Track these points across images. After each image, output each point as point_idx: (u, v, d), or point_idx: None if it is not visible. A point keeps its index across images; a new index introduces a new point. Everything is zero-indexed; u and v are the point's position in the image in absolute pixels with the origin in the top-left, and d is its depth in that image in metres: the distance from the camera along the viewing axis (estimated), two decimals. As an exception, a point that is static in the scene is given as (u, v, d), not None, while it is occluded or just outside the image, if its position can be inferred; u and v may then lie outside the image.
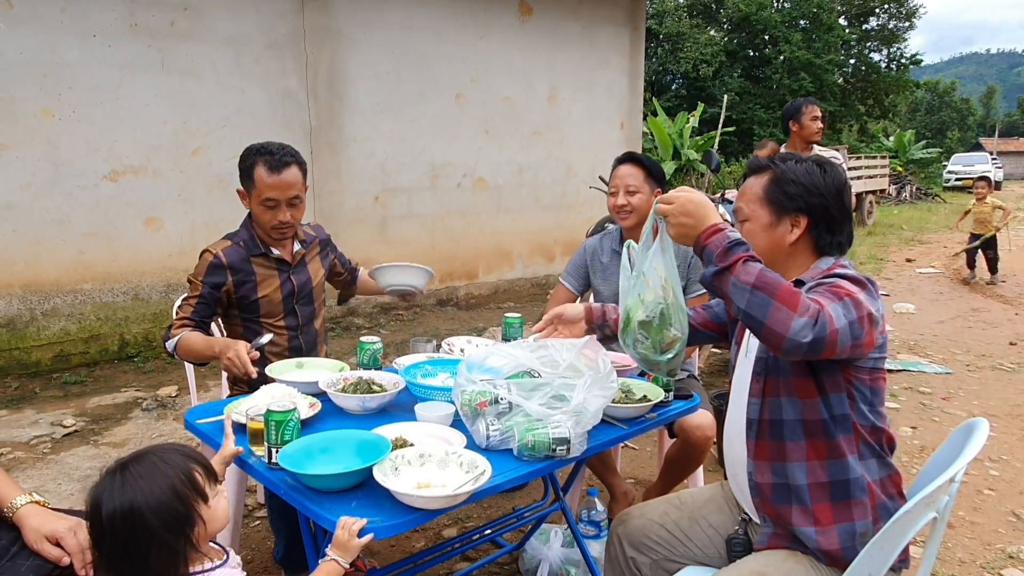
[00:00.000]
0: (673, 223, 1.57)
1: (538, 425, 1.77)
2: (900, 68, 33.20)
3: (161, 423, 4.16)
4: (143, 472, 1.24)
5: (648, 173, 2.80)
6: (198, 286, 2.41)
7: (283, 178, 2.36)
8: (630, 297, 1.71)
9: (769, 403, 1.62)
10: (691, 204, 1.54)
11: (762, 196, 1.66)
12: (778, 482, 1.62)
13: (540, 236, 7.51)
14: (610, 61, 7.70)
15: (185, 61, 5.18)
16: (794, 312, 1.35)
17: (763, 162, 1.71)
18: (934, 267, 10.04)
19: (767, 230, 1.65)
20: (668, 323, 1.66)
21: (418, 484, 1.57)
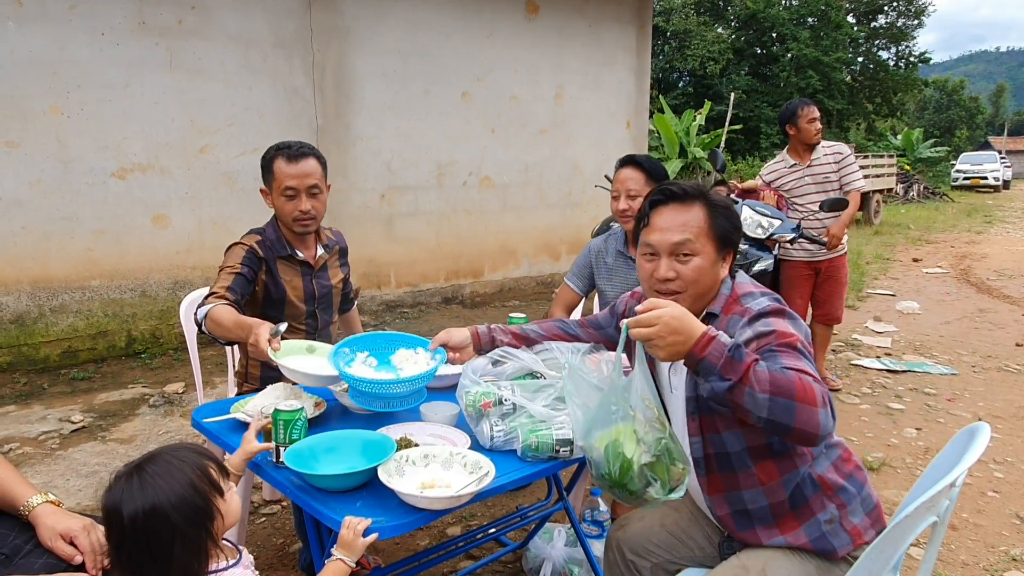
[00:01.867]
0: (662, 345, 1.39)
1: (542, 426, 1.78)
2: (909, 66, 33.08)
3: (168, 419, 4.19)
4: (160, 471, 1.26)
5: (649, 176, 2.81)
6: (237, 264, 2.36)
7: (301, 167, 2.40)
8: (623, 439, 1.47)
9: (710, 439, 1.63)
10: (675, 321, 1.39)
11: (708, 230, 1.62)
12: (737, 510, 1.65)
13: (546, 235, 7.52)
14: (617, 59, 7.70)
15: (193, 59, 5.21)
16: (816, 406, 1.34)
17: (687, 190, 1.65)
18: (941, 267, 10.01)
19: (713, 266, 1.63)
20: (673, 458, 1.47)
21: (422, 484, 1.59)
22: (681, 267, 1.62)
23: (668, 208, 1.65)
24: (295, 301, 2.54)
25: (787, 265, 4.67)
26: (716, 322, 1.61)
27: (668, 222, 1.64)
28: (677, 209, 1.64)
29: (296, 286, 2.54)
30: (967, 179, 30.86)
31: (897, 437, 3.96)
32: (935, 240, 13.13)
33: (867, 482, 1.68)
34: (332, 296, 2.68)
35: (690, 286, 1.62)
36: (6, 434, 3.89)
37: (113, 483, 1.28)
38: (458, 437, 1.81)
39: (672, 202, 1.65)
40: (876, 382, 4.90)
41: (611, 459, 1.47)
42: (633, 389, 1.47)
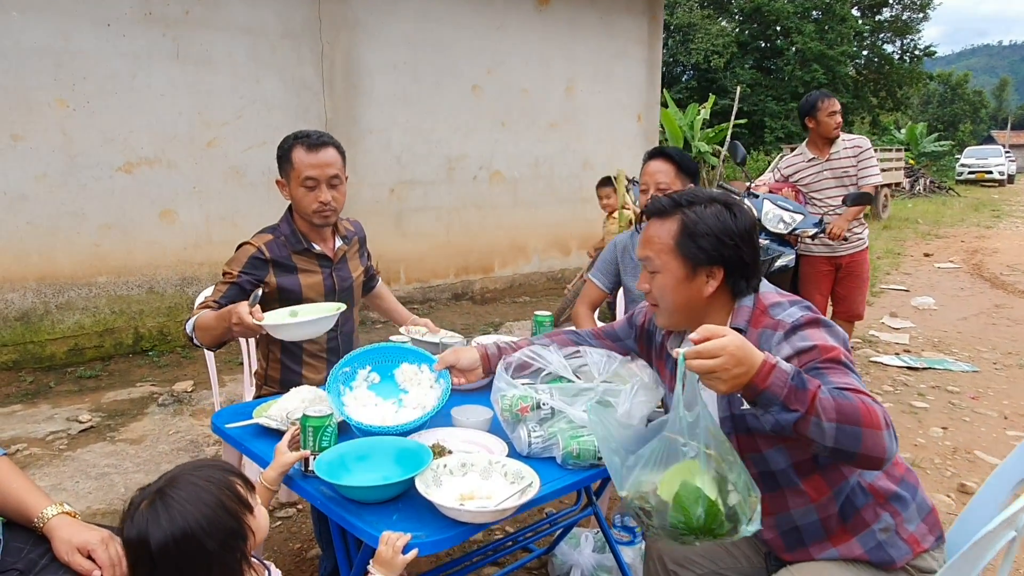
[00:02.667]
0: (726, 378, 1.26)
1: (583, 432, 1.70)
2: (914, 60, 32.84)
3: (177, 419, 4.11)
4: (185, 495, 1.17)
5: (679, 168, 2.71)
6: (234, 274, 2.31)
7: (321, 157, 2.30)
8: (700, 482, 1.29)
9: (750, 458, 1.53)
10: (740, 351, 1.26)
11: (673, 248, 1.56)
12: (786, 529, 1.56)
13: (556, 230, 7.42)
14: (628, 51, 7.58)
15: (200, 50, 5.11)
16: (880, 429, 1.28)
17: (666, 205, 1.59)
18: (953, 262, 9.90)
19: (682, 284, 1.56)
20: (750, 489, 1.33)
21: (461, 496, 1.50)
22: (652, 281, 1.61)
23: (650, 221, 1.63)
24: (313, 298, 2.43)
25: (805, 261, 4.58)
26: (746, 336, 1.51)
27: (643, 236, 1.63)
28: (654, 223, 1.61)
29: (315, 281, 2.44)
30: (972, 173, 30.74)
31: (923, 437, 3.87)
32: (945, 235, 13.02)
33: (919, 486, 1.59)
34: (353, 290, 2.58)
35: (659, 301, 1.61)
36: (13, 434, 3.81)
37: (133, 511, 1.18)
38: (494, 444, 1.72)
39: (653, 216, 1.62)
40: (897, 380, 4.81)
41: (687, 505, 1.28)
42: (701, 424, 1.32)
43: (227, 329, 2.07)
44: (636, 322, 1.94)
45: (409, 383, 1.87)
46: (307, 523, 3.04)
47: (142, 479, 3.34)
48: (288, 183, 2.38)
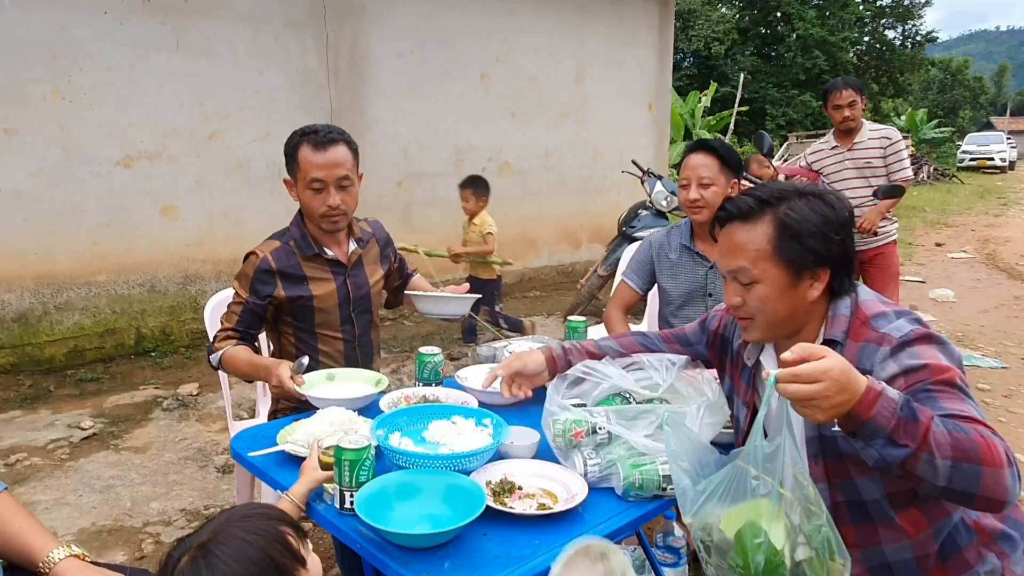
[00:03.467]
0: (826, 406, 1.10)
1: (645, 460, 1.53)
2: (915, 46, 32.61)
3: (184, 424, 3.94)
4: (232, 552, 1.01)
5: (723, 163, 2.54)
6: (243, 294, 2.18)
7: (329, 156, 2.11)
8: (768, 525, 1.16)
9: (838, 486, 1.37)
10: (843, 376, 1.10)
11: (772, 253, 1.37)
12: (876, 566, 1.39)
13: (566, 222, 7.25)
14: (639, 38, 7.38)
15: (201, 40, 4.90)
16: (1002, 468, 1.13)
17: (751, 205, 1.40)
18: (966, 252, 9.76)
19: (785, 292, 1.38)
20: (833, 551, 1.16)
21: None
22: (746, 294, 1.42)
23: (731, 227, 1.43)
24: (326, 308, 2.26)
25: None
26: (841, 351, 1.34)
27: (726, 244, 1.44)
28: (739, 228, 1.41)
29: (327, 290, 2.25)
30: (973, 160, 30.59)
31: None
32: (954, 223, 12.87)
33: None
34: (371, 298, 2.39)
35: (757, 315, 1.41)
36: (12, 443, 3.64)
37: (171, 569, 1.02)
38: (572, 481, 1.52)
39: (735, 220, 1.42)
40: (926, 377, 4.65)
41: (749, 549, 1.16)
42: (780, 458, 1.16)
43: (260, 379, 2.04)
44: (709, 327, 1.76)
45: (445, 438, 1.66)
46: (325, 538, 2.88)
47: (149, 491, 3.18)
48: (296, 184, 2.19)
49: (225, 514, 1.10)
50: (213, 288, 5.21)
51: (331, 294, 2.26)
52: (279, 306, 2.23)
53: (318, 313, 2.26)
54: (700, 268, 2.67)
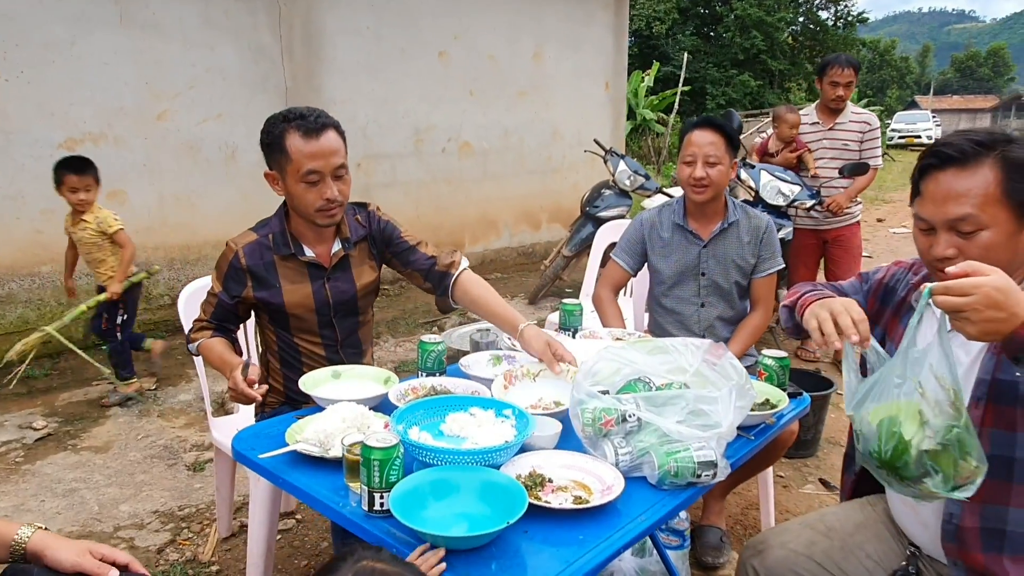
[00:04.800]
0: (976, 319, 1.13)
1: (679, 447, 1.50)
2: (847, 26, 33.52)
3: (145, 421, 3.76)
4: None
5: (729, 141, 2.51)
6: (216, 287, 2.06)
7: (323, 144, 1.91)
8: (903, 417, 1.26)
9: (993, 435, 1.34)
10: (999, 293, 1.12)
11: (1000, 197, 1.29)
12: (991, 527, 1.37)
13: (526, 202, 7.18)
14: (595, 17, 7.32)
15: (146, 14, 4.62)
16: None
17: (968, 148, 1.32)
18: (905, 227, 10.10)
19: (1012, 238, 1.32)
20: (966, 451, 1.22)
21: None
22: (965, 243, 1.32)
23: (945, 174, 1.34)
24: (301, 313, 2.08)
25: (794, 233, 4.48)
26: None
27: (943, 191, 1.33)
28: (956, 174, 1.32)
29: (303, 293, 2.07)
30: (902, 138, 31.76)
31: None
32: (891, 199, 13.32)
33: None
34: (355, 301, 2.17)
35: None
36: (-42, 447, 3.40)
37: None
38: (606, 472, 1.47)
39: (949, 166, 1.33)
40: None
41: (884, 437, 1.28)
42: (927, 363, 1.22)
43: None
44: (873, 278, 1.70)
45: (466, 431, 1.58)
46: (309, 535, 2.79)
47: (116, 493, 3.02)
48: (282, 177, 1.97)
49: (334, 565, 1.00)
50: (165, 277, 4.97)
51: (305, 299, 2.07)
52: (253, 305, 2.09)
53: (292, 318, 2.09)
54: (693, 247, 2.65)
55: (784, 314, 1.68)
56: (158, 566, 2.56)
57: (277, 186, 2.03)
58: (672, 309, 2.72)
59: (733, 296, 2.67)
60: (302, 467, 1.55)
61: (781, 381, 1.93)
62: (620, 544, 1.31)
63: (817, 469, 3.30)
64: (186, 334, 2.09)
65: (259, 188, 5.21)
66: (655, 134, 18.30)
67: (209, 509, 2.91)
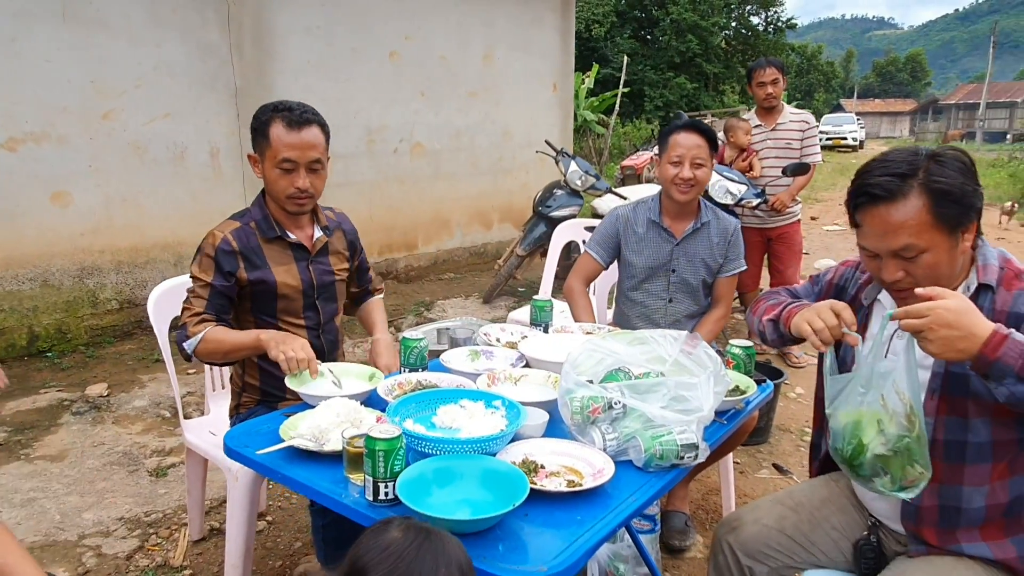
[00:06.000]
0: (933, 339, 1.27)
1: (663, 431, 1.59)
2: (777, 31, 34.65)
3: (99, 428, 3.66)
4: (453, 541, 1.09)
5: (711, 144, 2.63)
6: (206, 277, 2.06)
7: (303, 137, 2.04)
8: (865, 423, 1.42)
9: (947, 423, 1.47)
10: (950, 314, 1.26)
11: (933, 222, 1.39)
12: (948, 505, 1.50)
13: (478, 202, 7.23)
14: (544, 19, 7.43)
15: (91, 10, 4.49)
16: None
17: (892, 186, 1.41)
18: (838, 224, 10.56)
19: (949, 254, 1.43)
20: (913, 459, 1.37)
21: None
22: (910, 265, 1.44)
23: (878, 209, 1.43)
24: (289, 293, 2.18)
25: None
26: (993, 296, 1.44)
27: (880, 226, 1.43)
28: (888, 209, 1.41)
29: (291, 274, 2.18)
30: (830, 140, 33.13)
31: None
32: (823, 198, 13.88)
33: None
34: (335, 285, 2.32)
35: (923, 281, 1.42)
36: (-100, 460, 3.26)
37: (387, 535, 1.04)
38: (595, 457, 1.55)
39: (880, 203, 1.42)
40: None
41: (847, 438, 1.47)
42: (891, 378, 1.37)
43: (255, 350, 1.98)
44: (823, 280, 1.83)
45: (458, 422, 1.64)
46: (281, 536, 2.79)
47: (78, 501, 2.95)
48: (262, 160, 2.10)
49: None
50: (113, 281, 4.84)
51: (293, 278, 2.18)
52: (240, 289, 2.12)
53: (280, 299, 2.17)
54: (666, 244, 2.75)
55: (768, 328, 1.78)
56: (128, 573, 2.52)
57: (256, 168, 2.15)
58: (640, 302, 2.82)
59: (699, 294, 2.79)
60: (298, 462, 1.58)
61: (748, 369, 2.05)
62: (616, 523, 1.39)
63: (770, 455, 3.47)
64: (178, 331, 2.06)
65: (208, 189, 5.15)
66: (596, 135, 18.59)
67: (176, 514, 2.87)
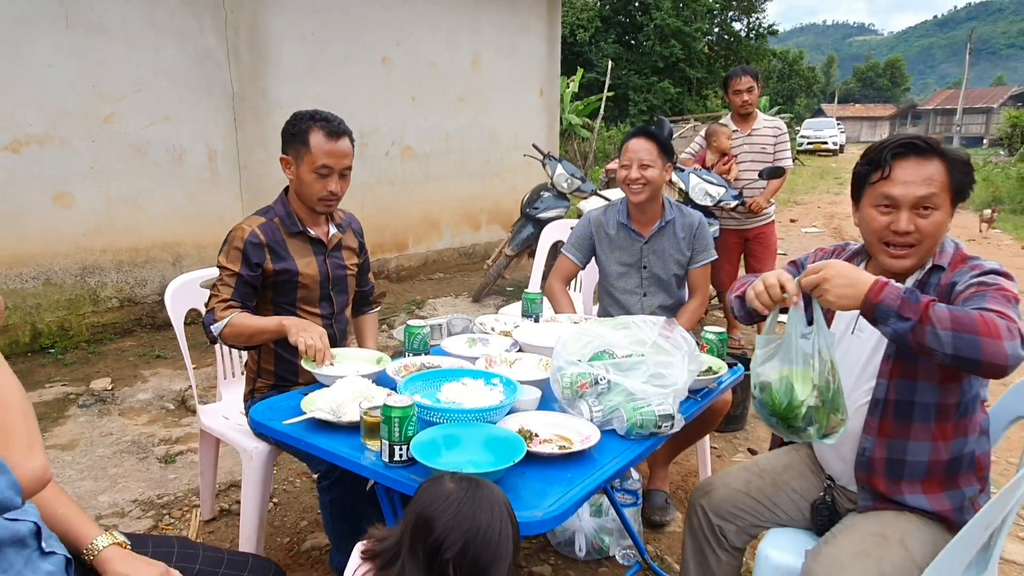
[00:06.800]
0: (833, 288, 1.51)
1: (642, 403, 1.79)
2: (759, 37, 35.14)
3: (106, 420, 3.81)
4: (491, 493, 1.22)
5: (661, 148, 2.83)
6: (234, 267, 2.25)
7: (340, 146, 2.27)
8: (796, 379, 1.60)
9: (898, 384, 1.67)
10: (840, 266, 1.52)
11: (948, 184, 1.60)
12: (894, 458, 1.70)
13: (467, 204, 7.43)
14: (530, 26, 7.64)
15: (92, 16, 4.64)
16: (1001, 340, 1.38)
17: (922, 144, 1.63)
18: (816, 226, 10.86)
19: (945, 223, 1.64)
20: (836, 408, 1.58)
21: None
22: (921, 221, 1.62)
23: (911, 161, 1.62)
24: (308, 284, 2.38)
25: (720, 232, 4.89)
26: (943, 275, 1.65)
27: (912, 175, 1.62)
28: (919, 162, 1.62)
29: (311, 266, 2.38)
30: (811, 144, 33.66)
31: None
32: (803, 201, 14.20)
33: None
34: (347, 279, 2.52)
35: (926, 239, 1.63)
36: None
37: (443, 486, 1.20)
38: (583, 427, 1.74)
39: (914, 155, 1.62)
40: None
41: (781, 393, 1.61)
42: (814, 340, 1.57)
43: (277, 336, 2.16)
44: (805, 263, 1.96)
45: (460, 397, 1.82)
46: (288, 516, 2.96)
47: (92, 486, 3.11)
48: (297, 163, 2.30)
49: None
50: (113, 280, 4.98)
51: (313, 271, 2.38)
52: (264, 279, 2.31)
53: (300, 288, 2.37)
54: (636, 244, 2.96)
55: (736, 304, 1.99)
56: (144, 549, 2.68)
57: (288, 170, 2.34)
58: (618, 299, 3.03)
59: (672, 286, 3.00)
60: (318, 432, 1.76)
61: (720, 352, 2.25)
62: (601, 479, 1.58)
63: (746, 440, 3.69)
64: (206, 315, 2.24)
65: (206, 190, 5.31)
66: (581, 138, 18.82)
67: (187, 496, 3.03)
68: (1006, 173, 16.42)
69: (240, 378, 2.79)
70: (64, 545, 1.37)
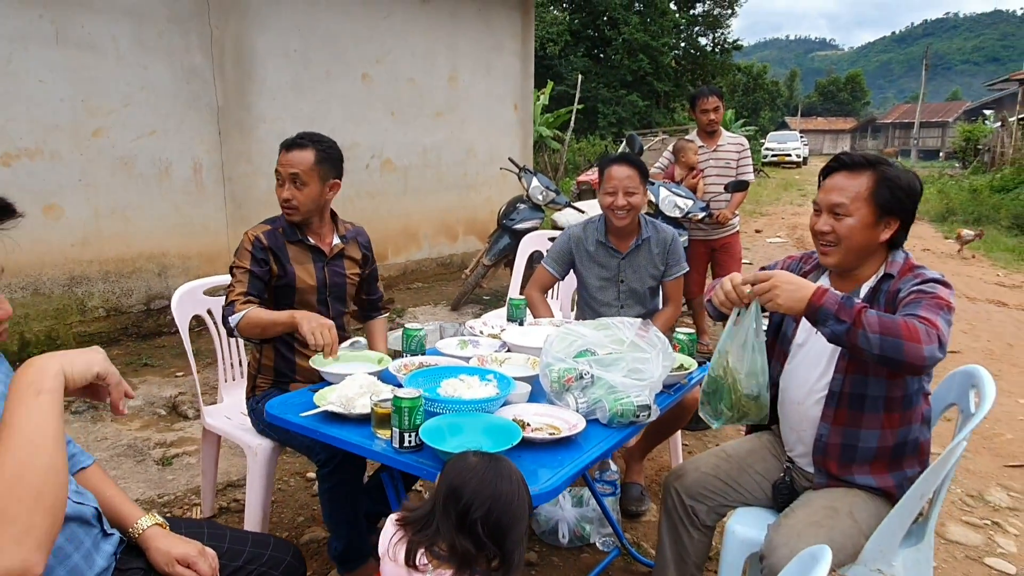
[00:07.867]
0: (780, 293, 1.74)
1: (622, 395, 2.00)
2: (724, 52, 35.97)
3: (99, 425, 3.93)
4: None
5: (642, 174, 3.05)
6: (246, 265, 2.45)
7: (289, 156, 2.48)
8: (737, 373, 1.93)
9: (852, 378, 1.91)
10: (786, 274, 1.77)
11: (868, 197, 1.85)
12: (847, 443, 1.94)
13: (444, 216, 7.63)
14: (504, 44, 7.89)
15: (82, 33, 4.76)
16: (921, 344, 1.61)
17: (859, 161, 1.89)
18: (780, 237, 11.25)
19: (866, 229, 1.87)
20: (760, 402, 1.97)
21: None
22: (836, 223, 1.90)
23: (838, 174, 1.92)
24: (304, 288, 2.56)
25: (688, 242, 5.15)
26: (892, 282, 1.89)
27: (831, 185, 1.92)
28: (845, 175, 1.90)
29: (308, 272, 2.56)
30: (775, 156, 34.48)
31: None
32: (767, 212, 14.63)
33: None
34: (345, 287, 2.69)
35: (842, 240, 1.90)
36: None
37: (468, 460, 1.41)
38: (570, 416, 1.95)
39: (842, 170, 1.91)
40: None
41: (721, 375, 1.95)
42: (749, 341, 1.88)
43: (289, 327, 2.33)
44: (774, 267, 2.20)
45: (458, 392, 2.00)
46: (285, 512, 3.11)
47: (93, 487, 3.22)
48: None
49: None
50: (100, 290, 5.08)
51: (309, 276, 2.56)
52: (268, 280, 2.50)
53: (297, 292, 2.55)
54: (613, 259, 3.18)
55: (709, 307, 2.23)
56: (150, 544, 2.82)
57: None
58: (597, 310, 3.25)
59: (647, 297, 3.23)
60: (330, 424, 1.95)
61: (691, 351, 2.48)
62: (588, 461, 1.80)
63: (715, 438, 3.93)
64: (225, 307, 2.43)
65: (191, 202, 5.45)
66: (551, 150, 19.13)
67: (187, 496, 3.17)
68: (959, 185, 17.10)
69: (239, 381, 2.96)
70: (114, 523, 1.54)
